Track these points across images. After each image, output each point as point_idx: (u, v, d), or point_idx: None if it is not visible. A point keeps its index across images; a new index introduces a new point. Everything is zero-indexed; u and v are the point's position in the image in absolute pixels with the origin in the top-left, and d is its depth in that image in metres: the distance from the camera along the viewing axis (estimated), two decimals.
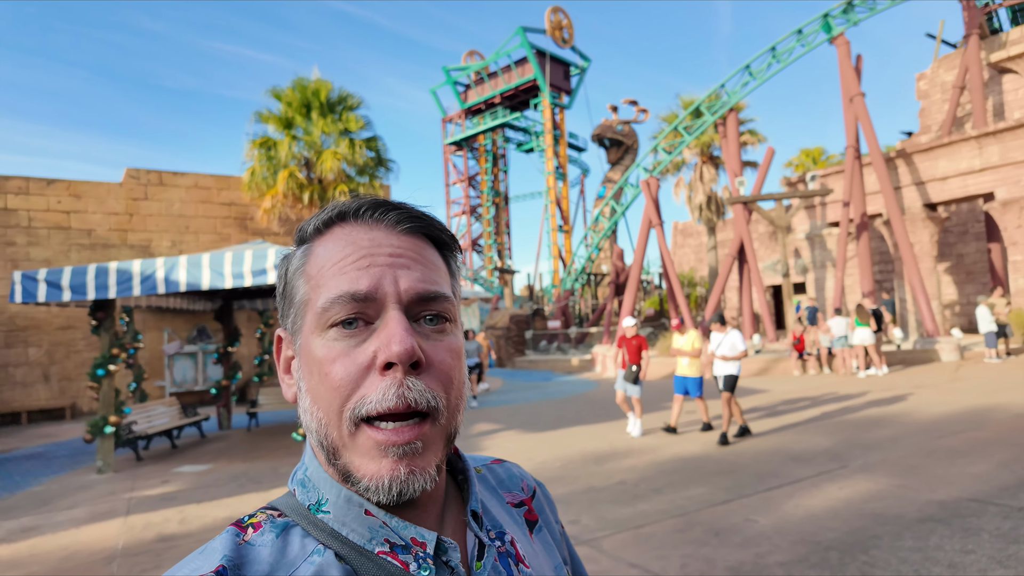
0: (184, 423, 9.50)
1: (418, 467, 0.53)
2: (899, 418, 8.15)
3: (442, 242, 0.62)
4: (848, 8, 18.83)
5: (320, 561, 0.53)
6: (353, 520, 0.55)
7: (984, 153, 17.04)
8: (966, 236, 21.43)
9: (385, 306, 0.54)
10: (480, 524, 0.62)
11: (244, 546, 0.53)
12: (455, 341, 0.58)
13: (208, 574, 0.49)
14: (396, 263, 0.56)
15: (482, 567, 0.59)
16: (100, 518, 5.70)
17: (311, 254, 0.58)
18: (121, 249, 14.39)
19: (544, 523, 0.73)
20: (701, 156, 24.21)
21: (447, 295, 0.58)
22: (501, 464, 0.76)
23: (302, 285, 0.58)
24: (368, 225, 0.58)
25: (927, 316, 15.71)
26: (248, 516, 0.57)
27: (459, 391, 0.57)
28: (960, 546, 3.77)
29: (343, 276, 0.55)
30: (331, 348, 0.54)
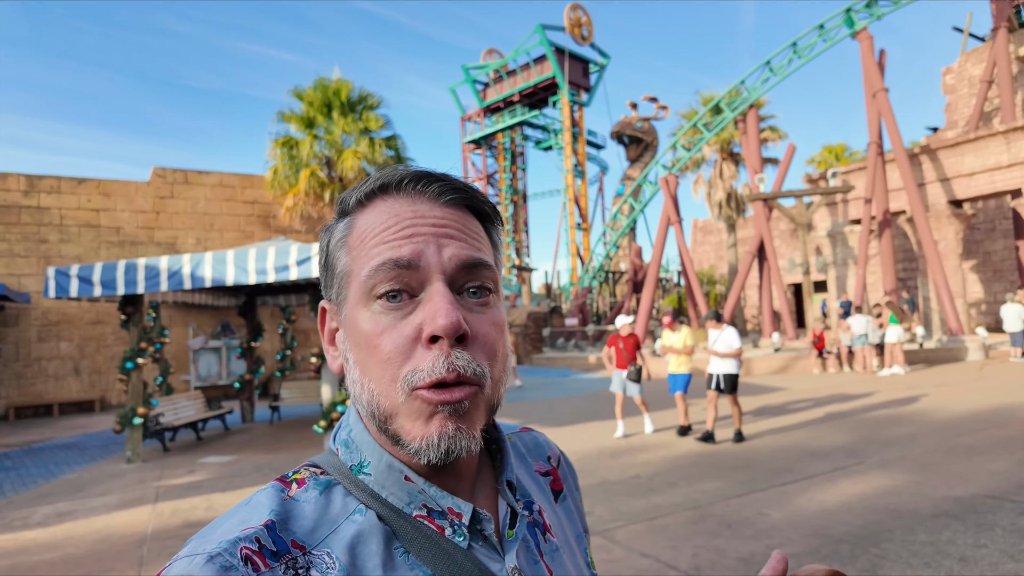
0: (209, 416, 9.74)
1: (464, 426, 0.54)
2: (919, 416, 8.09)
3: (484, 214, 0.62)
4: (871, 2, 18.56)
5: (362, 520, 0.54)
6: (393, 484, 0.57)
7: (1012, 148, 16.71)
8: (994, 233, 21.03)
9: (429, 277, 0.55)
10: (514, 493, 0.63)
11: (289, 501, 0.54)
12: (498, 314, 0.58)
13: (258, 527, 0.50)
14: (439, 233, 0.56)
15: (514, 535, 0.60)
16: (130, 504, 5.91)
17: (353, 225, 0.59)
18: (148, 246, 14.75)
19: (568, 491, 0.75)
20: (721, 153, 24.04)
21: (490, 263, 0.58)
22: (528, 432, 0.78)
23: (344, 256, 0.58)
24: (411, 197, 0.58)
25: (951, 314, 15.48)
26: (292, 472, 0.59)
27: (503, 363, 0.58)
28: (973, 540, 3.79)
29: (385, 245, 0.55)
30: (378, 321, 0.54)
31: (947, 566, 3.45)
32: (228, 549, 0.48)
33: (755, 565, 3.64)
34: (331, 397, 7.81)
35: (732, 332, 7.48)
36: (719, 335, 7.48)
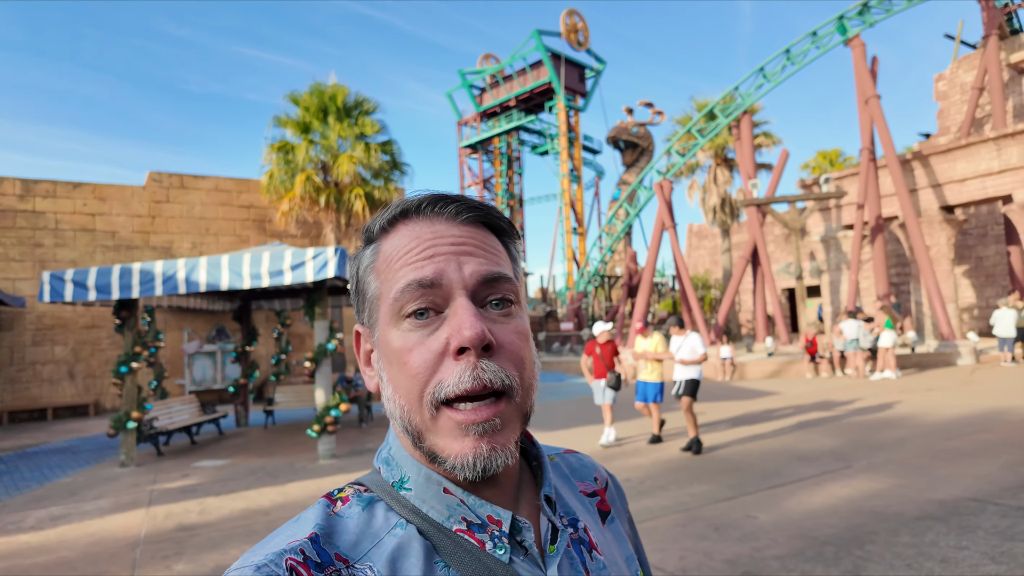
0: (203, 420, 9.76)
1: (498, 443, 0.55)
2: (908, 420, 8.17)
3: (501, 229, 0.64)
4: (864, 10, 18.75)
5: (403, 534, 0.56)
6: (432, 498, 0.58)
7: (1003, 155, 16.87)
8: (986, 239, 21.20)
9: (452, 294, 0.57)
10: (553, 509, 0.63)
11: (334, 517, 0.56)
12: (522, 324, 0.60)
13: (302, 540, 0.53)
14: (459, 251, 0.58)
15: (555, 550, 0.60)
16: (124, 508, 5.94)
17: (379, 251, 0.61)
18: (144, 250, 14.77)
19: (616, 514, 0.75)
20: (715, 158, 24.19)
21: (509, 276, 0.60)
22: (574, 454, 0.78)
23: (373, 281, 0.61)
24: (430, 219, 0.60)
25: (942, 319, 15.60)
26: (337, 490, 0.61)
27: (531, 371, 0.59)
28: (955, 542, 3.85)
29: (409, 267, 0.57)
30: (407, 339, 0.56)
31: (928, 567, 3.51)
32: (274, 560, 0.50)
33: (741, 567, 3.70)
34: (325, 401, 7.85)
35: (696, 338, 7.39)
36: (683, 341, 7.37)
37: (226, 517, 5.46)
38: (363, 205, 15.52)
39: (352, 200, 15.54)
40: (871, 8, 18.87)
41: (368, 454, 8.09)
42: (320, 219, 16.49)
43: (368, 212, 15.84)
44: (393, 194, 16.23)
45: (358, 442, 9.08)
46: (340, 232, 16.30)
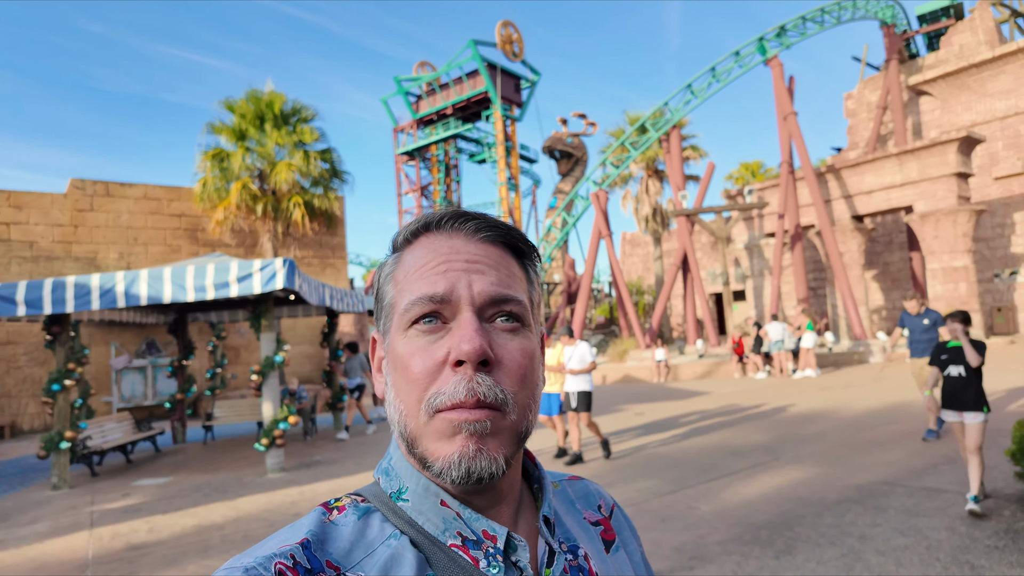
0: (139, 437, 9.41)
1: (485, 447, 0.54)
2: (827, 415, 8.87)
3: (520, 250, 0.65)
4: (781, 32, 20.07)
5: (396, 545, 0.56)
6: (429, 509, 0.58)
7: (904, 169, 18.44)
8: (891, 246, 23.01)
9: (459, 308, 0.58)
10: (552, 531, 0.62)
11: (328, 524, 0.57)
12: (528, 343, 0.60)
13: (293, 545, 0.53)
14: (471, 268, 0.59)
15: (551, 574, 0.59)
16: (64, 531, 5.72)
17: (400, 262, 0.63)
18: (66, 261, 14.03)
19: (622, 543, 0.73)
20: (647, 170, 25.16)
21: (519, 299, 0.60)
22: (579, 481, 0.77)
23: (390, 289, 0.63)
24: (448, 234, 0.62)
25: (855, 321, 16.85)
26: (334, 500, 0.61)
27: (531, 390, 0.59)
28: (870, 520, 4.33)
29: (423, 280, 0.59)
30: (411, 344, 0.58)
31: (849, 544, 3.95)
32: (263, 563, 0.50)
33: (687, 553, 4.03)
34: (273, 414, 7.78)
35: (585, 347, 7.17)
36: (573, 351, 7.12)
37: (178, 534, 5.38)
38: (302, 214, 15.31)
39: (291, 208, 15.29)
40: (788, 31, 20.23)
41: (317, 466, 8.06)
42: (257, 228, 16.12)
43: (307, 221, 15.62)
44: (333, 202, 16.08)
45: (305, 455, 9.00)
46: (278, 241, 15.98)
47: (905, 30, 24.51)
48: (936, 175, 17.74)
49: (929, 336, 7.01)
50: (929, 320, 7.03)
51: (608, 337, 25.25)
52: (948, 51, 22.47)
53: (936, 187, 17.80)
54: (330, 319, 11.32)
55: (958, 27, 22.30)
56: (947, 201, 17.56)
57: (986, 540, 3.83)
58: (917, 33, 24.47)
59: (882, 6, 23.45)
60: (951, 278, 17.63)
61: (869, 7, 22.91)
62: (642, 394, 13.39)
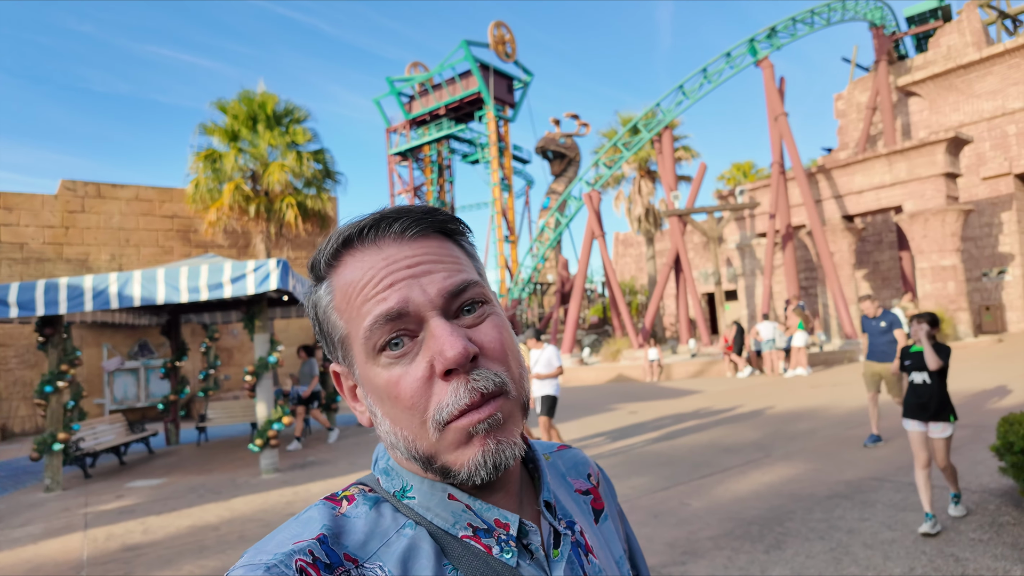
0: (132, 439, 9.40)
1: (504, 437, 0.54)
2: (818, 412, 8.97)
3: (451, 231, 0.62)
4: (771, 34, 20.21)
5: (412, 535, 0.55)
6: (437, 505, 0.57)
7: (893, 169, 18.61)
8: (881, 245, 23.20)
9: (423, 316, 0.55)
10: (553, 513, 0.62)
11: (341, 518, 0.55)
12: (497, 318, 0.59)
13: (311, 540, 0.51)
14: (416, 272, 0.56)
15: (560, 554, 0.59)
16: (58, 533, 5.73)
17: (334, 288, 0.59)
18: (56, 263, 13.96)
19: (608, 511, 0.74)
20: (639, 171, 25.27)
21: (475, 280, 0.58)
22: (568, 450, 0.77)
23: (337, 320, 0.59)
24: (376, 245, 0.58)
25: (846, 320, 16.99)
26: (341, 491, 0.60)
27: (516, 360, 0.58)
28: (859, 515, 4.40)
29: (371, 302, 0.55)
30: (390, 374, 0.55)
31: (838, 538, 4.02)
32: (284, 561, 0.49)
33: (679, 548, 4.09)
34: (267, 415, 7.79)
35: (553, 351, 6.95)
36: (540, 355, 6.84)
37: (173, 535, 5.39)
38: (295, 214, 15.30)
39: (284, 209, 15.28)
40: (778, 32, 20.38)
41: (311, 467, 8.07)
42: (249, 229, 16.10)
43: (300, 221, 15.62)
44: (326, 203, 16.08)
45: (299, 456, 9.01)
46: (270, 242, 15.97)
47: (894, 31, 24.73)
48: (925, 175, 17.92)
49: (886, 339, 6.66)
50: (886, 323, 6.63)
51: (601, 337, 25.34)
52: (936, 52, 22.69)
53: (925, 187, 17.98)
54: None
55: (946, 29, 22.52)
56: (935, 201, 17.74)
57: (971, 533, 3.90)
58: (906, 35, 24.70)
59: (871, 8, 23.65)
60: (940, 277, 17.80)
61: (858, 9, 23.10)
62: (635, 393, 13.46)
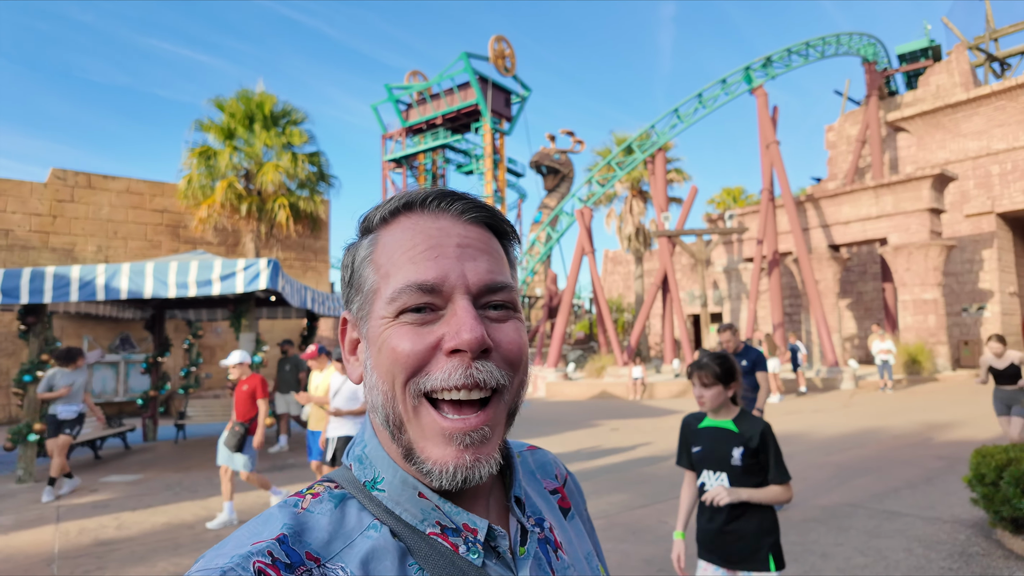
0: (109, 433, 9.28)
1: (483, 455, 0.54)
2: (798, 438, 9.06)
3: (503, 232, 0.63)
4: (767, 63, 20.59)
5: (376, 536, 0.54)
6: (407, 501, 0.57)
7: (880, 202, 18.96)
8: (865, 276, 23.55)
9: (453, 295, 0.55)
10: (523, 509, 0.62)
11: (303, 514, 0.54)
12: (520, 326, 0.59)
13: (269, 540, 0.50)
14: (463, 254, 0.56)
15: (526, 552, 0.59)
16: (29, 525, 5.64)
17: (378, 243, 0.59)
18: (42, 252, 13.81)
19: (576, 511, 0.74)
20: (631, 190, 25.52)
21: (512, 284, 0.59)
22: (537, 450, 0.77)
23: (371, 274, 0.59)
24: (434, 214, 0.59)
25: (828, 347, 17.20)
26: (307, 487, 0.59)
27: (524, 370, 0.58)
28: (833, 540, 4.47)
29: (412, 265, 0.56)
30: (400, 330, 0.55)
31: (811, 561, 4.08)
32: (240, 563, 0.47)
33: (656, 565, 4.13)
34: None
35: None
36: (343, 382, 5.33)
37: (148, 531, 5.34)
38: (287, 215, 15.27)
39: (276, 210, 15.25)
40: (773, 62, 20.77)
41: (289, 469, 8.02)
42: (240, 228, 16.03)
43: (292, 223, 15.58)
44: (319, 206, 16.06)
45: (278, 457, 8.94)
46: (260, 242, 15.91)
47: (886, 68, 25.29)
48: (910, 209, 18.27)
49: (746, 383, 5.37)
50: (747, 361, 5.38)
51: (587, 353, 25.40)
52: (925, 90, 23.22)
53: (910, 221, 18.33)
54: (310, 322, 11.29)
55: (935, 68, 23.07)
56: (919, 235, 18.08)
57: (941, 562, 3.98)
58: (897, 71, 25.27)
59: (864, 44, 24.19)
60: (921, 310, 18.10)
61: (852, 44, 23.62)
62: (618, 410, 13.51)
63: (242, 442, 5.51)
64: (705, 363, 2.43)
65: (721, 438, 2.46)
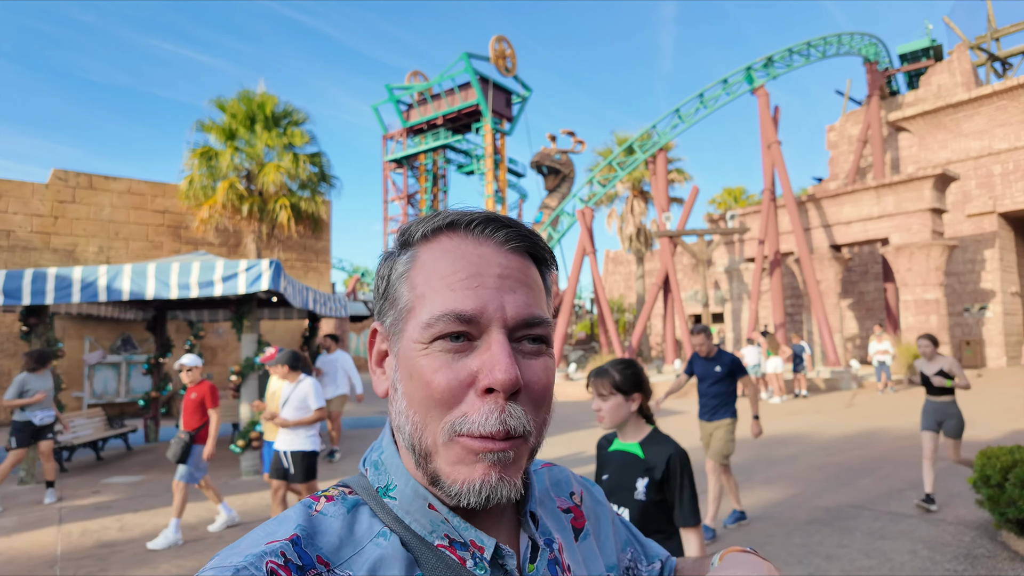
0: (111, 434, 9.28)
1: (508, 476, 0.54)
2: (800, 438, 9.05)
3: (542, 260, 0.62)
4: (768, 63, 20.57)
5: (386, 545, 0.54)
6: (417, 511, 0.57)
7: (881, 202, 18.94)
8: (867, 276, 23.53)
9: (489, 327, 0.55)
10: (536, 525, 0.62)
11: (317, 516, 0.55)
12: (551, 362, 0.59)
13: (283, 541, 0.51)
14: (503, 285, 0.56)
15: (535, 569, 0.59)
16: (32, 526, 5.64)
17: (416, 260, 0.59)
18: (44, 253, 13.81)
19: (590, 528, 0.73)
20: (632, 190, 25.51)
21: (548, 320, 0.58)
22: (553, 468, 0.77)
23: (407, 292, 0.58)
24: (477, 240, 0.58)
25: (830, 348, 17.18)
26: (322, 491, 0.60)
27: (547, 408, 0.58)
28: (837, 541, 4.45)
29: (451, 292, 0.55)
30: (434, 359, 0.54)
31: (816, 563, 4.07)
32: (254, 563, 0.48)
33: None
34: (250, 416, 7.73)
35: (310, 385, 4.94)
36: (292, 390, 4.93)
37: (150, 533, 5.33)
38: (288, 216, 15.26)
39: (277, 210, 15.24)
40: (775, 62, 20.75)
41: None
42: (241, 228, 16.02)
43: (293, 223, 15.57)
44: (320, 206, 16.06)
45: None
46: (261, 242, 15.90)
47: (887, 68, 25.27)
48: (912, 209, 18.25)
49: (721, 390, 4.99)
50: (721, 367, 4.97)
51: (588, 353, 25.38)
52: (927, 90, 23.20)
53: (911, 221, 18.31)
54: (312, 323, 11.29)
55: (937, 68, 23.05)
56: (921, 235, 18.05)
57: (946, 563, 3.96)
58: (898, 71, 25.25)
59: (865, 44, 24.17)
60: (923, 310, 18.07)
61: (853, 44, 23.59)
62: None
63: (187, 452, 5.18)
64: (604, 370, 2.09)
65: (626, 464, 2.08)
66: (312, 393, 4.89)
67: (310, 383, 4.95)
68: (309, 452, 4.90)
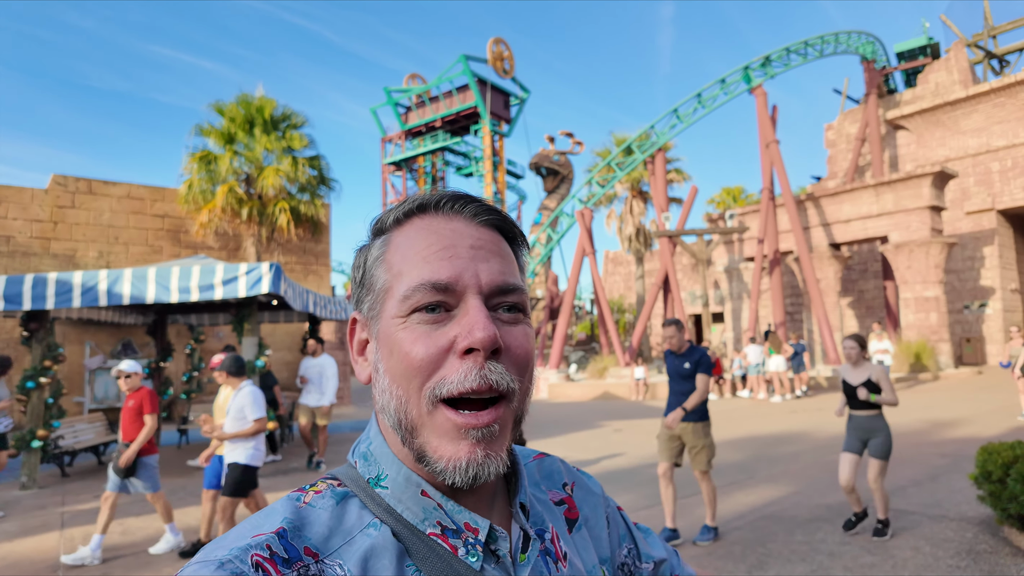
0: (112, 439, 9.27)
1: (494, 451, 0.54)
2: (801, 437, 9.05)
3: (513, 236, 0.64)
4: (766, 62, 20.60)
5: (376, 535, 0.54)
6: (409, 499, 0.57)
7: (880, 200, 18.95)
8: (866, 274, 23.54)
9: (465, 295, 0.56)
10: (527, 516, 0.63)
11: (304, 508, 0.55)
12: (529, 330, 0.60)
13: (269, 534, 0.50)
14: (476, 255, 0.57)
15: (527, 559, 0.59)
16: (34, 531, 5.64)
17: (391, 243, 0.60)
18: (43, 258, 13.82)
19: (583, 520, 0.72)
20: (631, 191, 25.52)
21: (522, 287, 0.60)
22: (544, 459, 0.76)
23: (383, 273, 0.59)
24: (447, 216, 0.60)
25: (830, 346, 17.18)
26: (309, 484, 0.59)
27: (531, 375, 0.59)
28: (840, 539, 4.46)
29: (426, 264, 0.56)
30: (413, 331, 0.55)
31: (819, 560, 4.07)
32: (239, 556, 0.48)
33: None
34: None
35: (250, 394, 4.68)
36: (233, 398, 4.72)
37: (152, 537, 5.33)
38: (288, 219, 15.27)
39: (276, 214, 15.25)
40: (772, 61, 20.78)
41: (293, 473, 8.01)
42: (241, 232, 16.03)
43: (292, 227, 15.58)
44: (319, 209, 16.07)
45: (280, 462, 8.94)
46: (261, 246, 15.90)
47: (884, 66, 25.30)
48: (911, 207, 18.26)
49: (691, 387, 4.84)
50: (690, 363, 4.79)
51: (589, 354, 25.38)
52: (924, 88, 23.22)
53: (910, 219, 18.31)
54: (312, 325, 11.30)
55: (934, 66, 23.08)
56: (920, 233, 18.06)
57: (948, 560, 3.97)
58: (896, 70, 25.27)
59: (863, 42, 24.20)
60: (923, 308, 18.08)
61: (851, 43, 23.62)
62: (621, 411, 13.50)
63: (134, 465, 4.86)
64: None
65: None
66: (250, 403, 4.63)
67: (248, 392, 4.70)
68: (244, 466, 4.57)
